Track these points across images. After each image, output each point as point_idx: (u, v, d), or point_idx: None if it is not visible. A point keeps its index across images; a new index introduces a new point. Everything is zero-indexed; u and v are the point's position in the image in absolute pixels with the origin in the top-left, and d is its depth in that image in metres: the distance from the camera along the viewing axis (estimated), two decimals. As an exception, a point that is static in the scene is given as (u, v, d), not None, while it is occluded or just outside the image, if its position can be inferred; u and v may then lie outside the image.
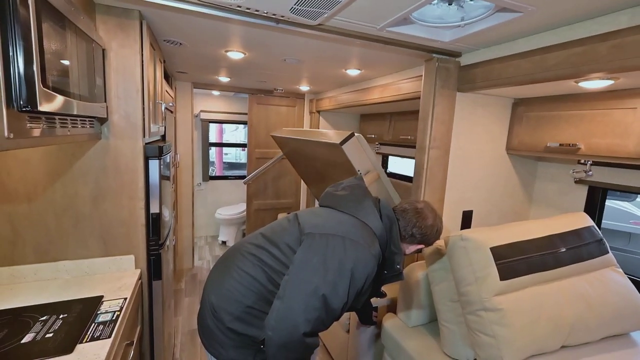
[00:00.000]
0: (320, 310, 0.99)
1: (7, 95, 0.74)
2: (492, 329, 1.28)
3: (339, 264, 1.02)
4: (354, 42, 1.67)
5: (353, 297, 1.06)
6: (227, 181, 5.18)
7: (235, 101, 4.87)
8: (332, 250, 1.05)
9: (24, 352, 1.00)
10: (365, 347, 1.95)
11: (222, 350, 1.12)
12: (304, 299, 0.99)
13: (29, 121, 0.83)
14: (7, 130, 0.73)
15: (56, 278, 1.51)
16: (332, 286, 1.00)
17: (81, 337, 1.10)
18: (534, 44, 1.49)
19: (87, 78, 1.19)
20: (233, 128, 6.37)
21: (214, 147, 5.54)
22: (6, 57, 0.73)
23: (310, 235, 1.10)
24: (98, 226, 1.57)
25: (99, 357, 1.02)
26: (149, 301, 1.72)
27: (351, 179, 1.36)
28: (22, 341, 1.05)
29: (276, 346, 0.98)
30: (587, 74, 1.33)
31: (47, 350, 1.02)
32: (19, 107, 0.77)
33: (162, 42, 1.92)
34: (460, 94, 1.93)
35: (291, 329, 0.97)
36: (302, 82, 3.29)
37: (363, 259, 1.06)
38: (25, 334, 1.08)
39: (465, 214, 2.15)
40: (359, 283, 1.05)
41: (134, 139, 1.56)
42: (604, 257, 1.57)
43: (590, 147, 1.68)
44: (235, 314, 1.10)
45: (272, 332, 0.98)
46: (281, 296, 1.02)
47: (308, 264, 1.04)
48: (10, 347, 1.02)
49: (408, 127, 3.15)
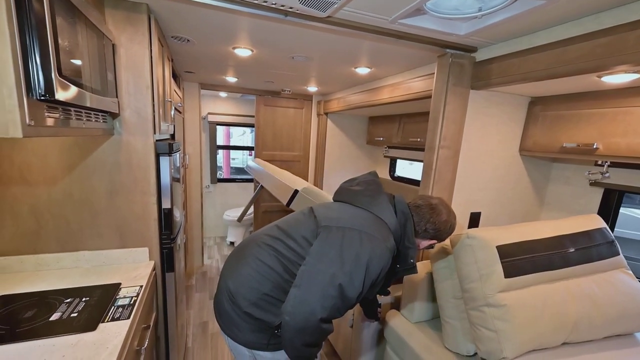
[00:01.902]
0: (336, 299, 1.04)
1: (26, 83, 0.79)
2: (494, 324, 1.30)
3: (356, 256, 1.06)
4: (364, 36, 1.63)
5: (368, 288, 1.10)
6: (234, 184, 5.18)
7: (242, 103, 4.87)
8: (349, 243, 1.08)
9: (52, 328, 1.11)
10: (369, 341, 2.00)
11: (238, 332, 1.19)
12: (321, 288, 1.03)
13: (47, 110, 0.89)
14: (29, 118, 0.80)
15: (77, 267, 1.60)
16: (348, 277, 1.04)
17: (103, 317, 1.20)
18: (556, 36, 1.42)
19: (98, 72, 1.22)
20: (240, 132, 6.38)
21: (222, 149, 5.54)
22: (24, 47, 0.78)
23: (326, 228, 1.15)
24: (113, 220, 1.63)
25: (120, 335, 1.11)
26: (162, 291, 1.81)
27: (366, 175, 1.38)
28: (50, 319, 1.16)
29: (293, 330, 1.03)
30: (611, 67, 1.25)
31: (74, 327, 1.13)
32: (37, 96, 0.82)
33: (170, 39, 1.91)
34: (474, 92, 1.87)
35: (308, 315, 1.02)
36: (310, 83, 3.26)
37: (379, 252, 1.09)
38: (52, 313, 1.20)
39: (473, 215, 2.10)
40: (373, 275, 1.08)
41: (145, 136, 1.59)
42: (614, 258, 1.55)
43: (609, 147, 1.61)
44: (252, 300, 1.15)
45: (289, 318, 1.03)
46: (298, 285, 1.06)
47: (325, 256, 1.08)
48: (40, 324, 1.14)
49: (417, 129, 3.11)
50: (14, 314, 1.18)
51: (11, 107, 0.75)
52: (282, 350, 1.17)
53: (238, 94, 4.42)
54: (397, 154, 3.94)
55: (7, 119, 0.76)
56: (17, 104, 0.76)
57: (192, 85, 3.53)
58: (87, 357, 0.99)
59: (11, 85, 0.75)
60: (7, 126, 0.76)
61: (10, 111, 0.76)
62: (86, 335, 1.09)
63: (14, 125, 0.76)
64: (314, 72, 2.74)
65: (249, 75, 3.02)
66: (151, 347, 1.59)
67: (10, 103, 0.75)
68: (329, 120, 4.14)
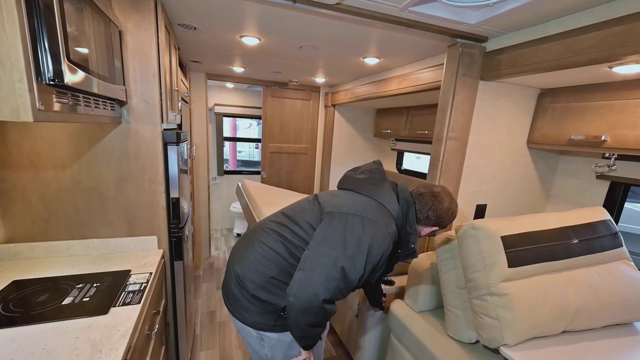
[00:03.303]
0: (338, 281, 1.07)
1: (36, 68, 0.80)
2: (496, 312, 1.31)
3: (358, 240, 1.10)
4: (374, 25, 1.61)
5: (369, 272, 1.13)
6: (241, 176, 5.19)
7: (249, 95, 4.86)
8: (352, 228, 1.12)
9: (66, 311, 1.14)
10: (373, 330, 2.03)
11: (246, 315, 1.23)
12: (324, 270, 1.07)
13: (56, 96, 0.90)
14: (39, 102, 0.80)
15: (87, 254, 1.63)
16: (350, 260, 1.08)
17: (114, 302, 1.22)
18: (568, 26, 1.39)
19: (106, 58, 1.22)
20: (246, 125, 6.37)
21: (228, 141, 5.55)
22: (32, 31, 0.78)
23: (330, 214, 1.18)
24: (122, 208, 1.65)
25: (131, 319, 1.13)
26: (172, 279, 1.84)
27: (370, 164, 1.40)
28: (62, 303, 1.19)
29: (297, 311, 1.07)
30: (623, 57, 1.23)
31: (86, 311, 1.15)
32: (47, 80, 0.83)
33: (177, 26, 1.90)
34: (483, 83, 1.85)
35: (312, 296, 1.06)
36: (318, 73, 3.24)
37: (380, 237, 1.12)
38: (64, 297, 1.23)
39: (479, 207, 2.10)
40: (375, 259, 1.12)
41: (153, 124, 1.59)
42: (617, 250, 1.55)
43: (617, 139, 1.60)
44: (259, 283, 1.19)
45: (293, 299, 1.07)
46: (302, 268, 1.10)
47: (328, 240, 1.11)
48: (53, 307, 1.16)
49: (425, 122, 3.08)
50: (27, 298, 1.20)
51: (22, 91, 0.76)
52: (288, 331, 1.22)
53: (245, 85, 4.41)
54: (405, 147, 3.92)
55: (18, 104, 0.76)
56: (27, 88, 0.76)
57: (199, 75, 3.52)
58: (100, 338, 1.01)
59: (21, 69, 0.75)
60: (19, 111, 0.77)
61: (22, 95, 0.76)
62: (98, 318, 1.12)
63: (24, 109, 0.77)
64: (322, 63, 2.72)
65: (256, 65, 3.00)
66: (161, 333, 1.61)
67: (21, 87, 0.76)
68: (337, 112, 4.11)
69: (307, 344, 1.23)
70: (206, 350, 2.44)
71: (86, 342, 0.99)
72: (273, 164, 4.23)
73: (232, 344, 2.51)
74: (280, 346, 1.27)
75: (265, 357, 1.30)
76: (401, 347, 1.78)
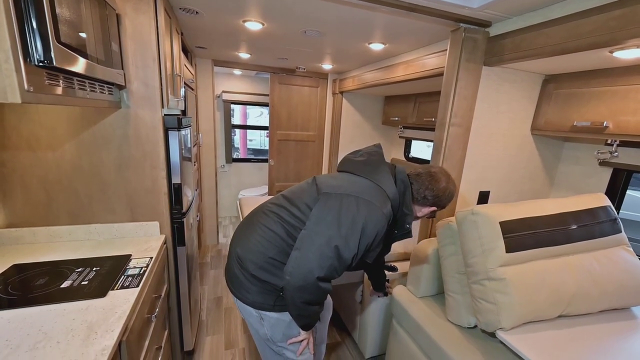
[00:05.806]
0: (332, 259, 1.10)
1: (23, 49, 0.79)
2: (494, 296, 1.32)
3: (352, 220, 1.12)
4: (377, 9, 1.56)
5: (363, 251, 1.16)
6: (250, 164, 5.20)
7: (257, 82, 4.83)
8: (347, 208, 1.14)
9: (64, 294, 1.16)
10: (377, 316, 2.06)
11: (247, 294, 1.26)
12: (319, 249, 1.10)
13: (48, 78, 0.89)
14: (27, 83, 0.79)
15: (89, 239, 1.64)
16: (344, 239, 1.10)
17: (112, 285, 1.24)
18: (571, 9, 1.35)
19: (102, 42, 1.21)
20: (257, 114, 6.33)
21: (237, 129, 5.55)
22: (19, 11, 0.77)
23: (326, 194, 1.21)
24: (124, 193, 1.65)
25: (128, 302, 1.15)
26: (174, 264, 1.85)
27: (370, 147, 1.42)
28: (61, 286, 1.21)
29: (293, 289, 1.11)
30: (624, 41, 1.20)
31: (84, 294, 1.17)
32: (35, 62, 0.82)
33: (178, 10, 1.88)
34: (487, 69, 1.80)
35: (307, 274, 1.09)
36: (325, 60, 3.19)
37: (375, 217, 1.14)
38: (63, 281, 1.24)
39: (482, 194, 2.07)
40: (369, 238, 1.14)
41: (154, 109, 1.59)
42: (615, 235, 1.55)
43: (619, 125, 1.57)
44: (259, 263, 1.23)
45: (290, 277, 1.10)
46: (298, 247, 1.13)
47: (323, 220, 1.14)
48: (52, 290, 1.18)
49: (433, 109, 3.01)
50: (26, 281, 1.22)
51: (8, 71, 0.75)
52: (287, 311, 1.25)
53: (252, 72, 4.38)
54: (413, 135, 3.85)
55: (5, 84, 0.76)
56: (14, 69, 0.76)
57: (205, 61, 3.51)
58: (96, 320, 1.03)
59: (7, 49, 0.74)
60: (5, 91, 0.76)
61: (8, 76, 0.75)
62: (96, 301, 1.13)
63: (12, 90, 0.76)
64: (328, 49, 2.67)
65: (262, 51, 2.97)
66: (162, 316, 1.63)
67: (7, 67, 0.75)
68: (345, 99, 4.06)
69: (305, 323, 1.26)
70: (212, 335, 2.47)
71: (82, 323, 1.01)
72: (281, 152, 4.22)
73: (238, 330, 2.54)
74: (280, 325, 1.29)
75: (265, 337, 1.33)
76: (402, 331, 1.80)
